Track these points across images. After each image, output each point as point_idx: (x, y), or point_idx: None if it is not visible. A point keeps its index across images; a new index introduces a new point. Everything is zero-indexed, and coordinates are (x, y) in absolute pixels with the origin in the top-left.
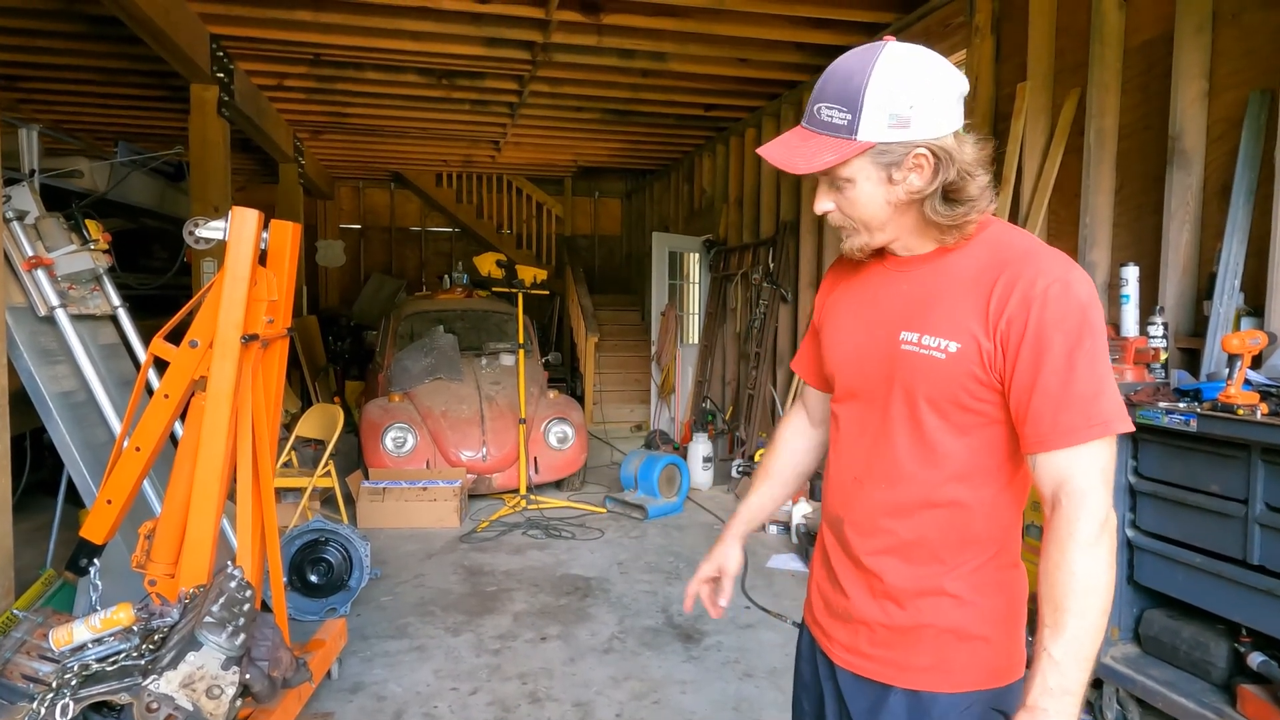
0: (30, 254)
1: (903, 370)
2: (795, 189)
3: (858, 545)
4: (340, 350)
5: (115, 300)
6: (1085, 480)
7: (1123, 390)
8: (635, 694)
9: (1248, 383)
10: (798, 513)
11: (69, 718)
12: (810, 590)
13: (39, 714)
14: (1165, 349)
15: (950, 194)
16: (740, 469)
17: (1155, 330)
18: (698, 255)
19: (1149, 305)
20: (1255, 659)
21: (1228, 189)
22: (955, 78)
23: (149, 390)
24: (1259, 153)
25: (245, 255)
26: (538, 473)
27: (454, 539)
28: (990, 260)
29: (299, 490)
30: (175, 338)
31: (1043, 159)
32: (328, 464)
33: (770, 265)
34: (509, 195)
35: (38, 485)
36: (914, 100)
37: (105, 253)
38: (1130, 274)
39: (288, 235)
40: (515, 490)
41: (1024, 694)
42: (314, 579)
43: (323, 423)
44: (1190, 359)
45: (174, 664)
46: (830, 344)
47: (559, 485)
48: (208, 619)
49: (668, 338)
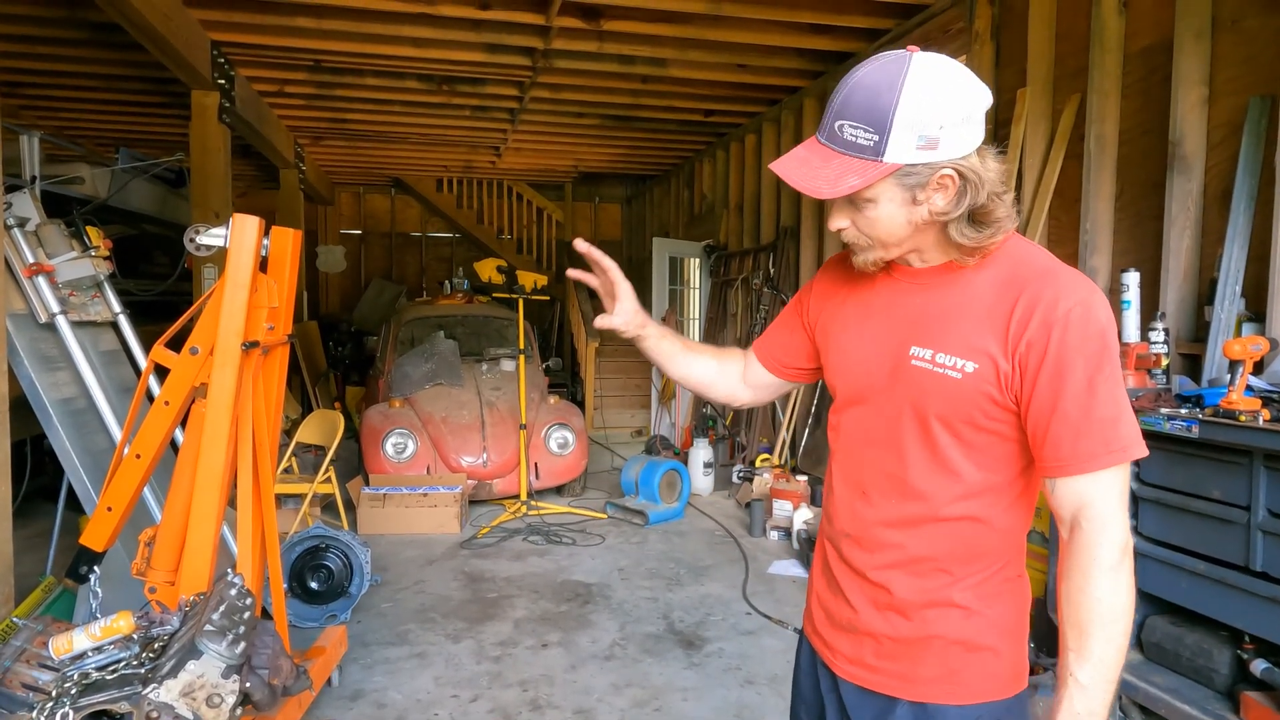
0: (31, 260)
1: (912, 386)
2: (795, 196)
3: (864, 559)
4: (341, 356)
5: (116, 307)
6: (1105, 505)
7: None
8: (637, 701)
9: (1249, 388)
10: (799, 519)
11: None
12: (810, 601)
13: None
14: (1166, 355)
15: (978, 217)
16: (741, 474)
17: (1156, 336)
18: (698, 260)
19: (1150, 311)
20: (1258, 666)
21: (1228, 194)
22: (982, 93)
23: (149, 397)
24: (1259, 158)
25: (246, 262)
26: (538, 478)
27: (454, 545)
28: (1009, 278)
29: (299, 496)
30: (176, 344)
31: (1043, 165)
32: (328, 470)
33: (771, 270)
34: (509, 200)
35: (38, 492)
36: (944, 120)
37: (106, 259)
38: (1131, 280)
39: (288, 242)
40: (516, 496)
41: (1050, 716)
42: (314, 586)
43: (323, 429)
44: (1192, 365)
45: (174, 672)
46: (833, 353)
47: (560, 491)
48: (208, 627)
49: None
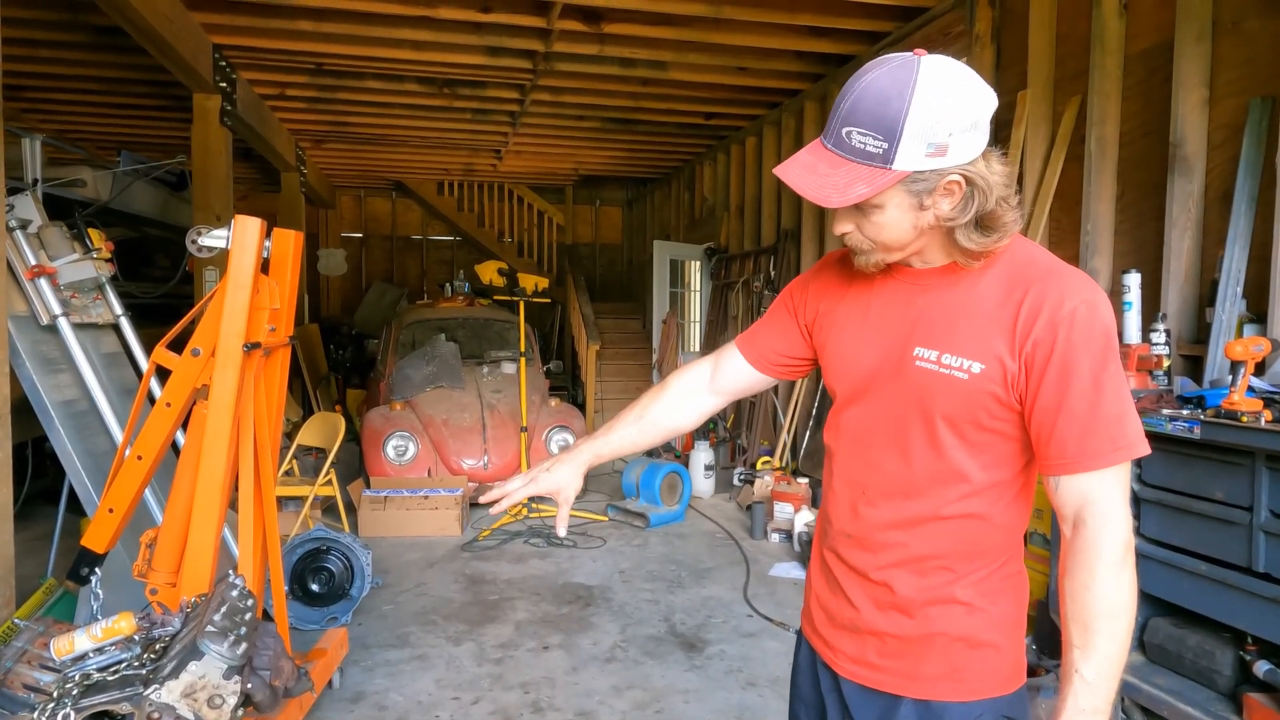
0: (33, 263)
1: (917, 387)
2: (796, 198)
3: (865, 559)
4: (342, 359)
5: (117, 309)
6: (1109, 502)
7: None
8: (638, 703)
9: (1251, 389)
10: (800, 521)
11: None
12: (809, 601)
13: None
14: (1168, 356)
15: (987, 223)
16: (742, 477)
17: (1158, 337)
18: (699, 263)
19: (1151, 312)
20: (1261, 667)
21: (1229, 196)
22: (989, 98)
23: (151, 399)
24: (1260, 159)
25: (248, 264)
26: None
27: (455, 547)
28: (1013, 279)
29: (300, 499)
30: (177, 346)
31: (1044, 167)
32: (329, 472)
33: (771, 273)
34: (510, 203)
35: (39, 494)
36: (953, 127)
37: (108, 261)
38: (1132, 281)
39: (290, 244)
40: None
41: (1055, 713)
42: (315, 588)
43: (324, 431)
44: (1193, 366)
45: (175, 673)
46: (832, 355)
47: None
48: (209, 628)
49: (669, 345)
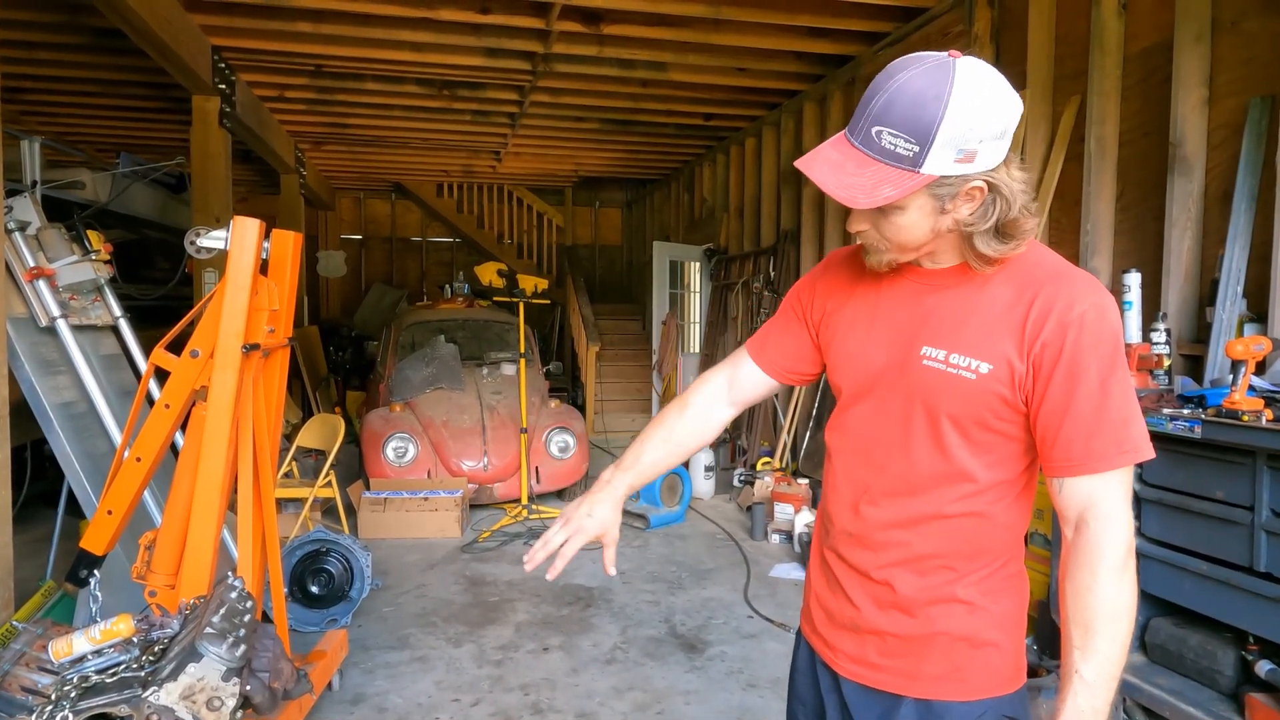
0: (32, 265)
1: (923, 387)
2: (795, 199)
3: (867, 558)
4: (341, 360)
5: (116, 311)
6: (1112, 505)
7: None
8: (638, 705)
9: (1252, 388)
10: (800, 522)
11: None
12: (808, 601)
13: None
14: (1168, 355)
15: (1006, 230)
16: (742, 478)
17: (1158, 337)
18: (698, 264)
19: (1151, 312)
20: (1263, 667)
21: (1229, 195)
22: (1018, 105)
23: (150, 400)
24: (1260, 159)
25: (246, 264)
26: (539, 482)
27: (455, 549)
28: (1023, 281)
29: (300, 501)
30: (176, 348)
31: (1043, 166)
32: (329, 474)
33: (771, 274)
34: (510, 205)
35: (38, 496)
36: (983, 135)
37: (107, 263)
38: (1132, 281)
39: (289, 245)
40: (517, 500)
41: (1055, 713)
42: (315, 590)
43: (324, 433)
44: (1194, 365)
45: (174, 675)
46: (838, 353)
47: (561, 495)
48: (208, 630)
49: (669, 347)
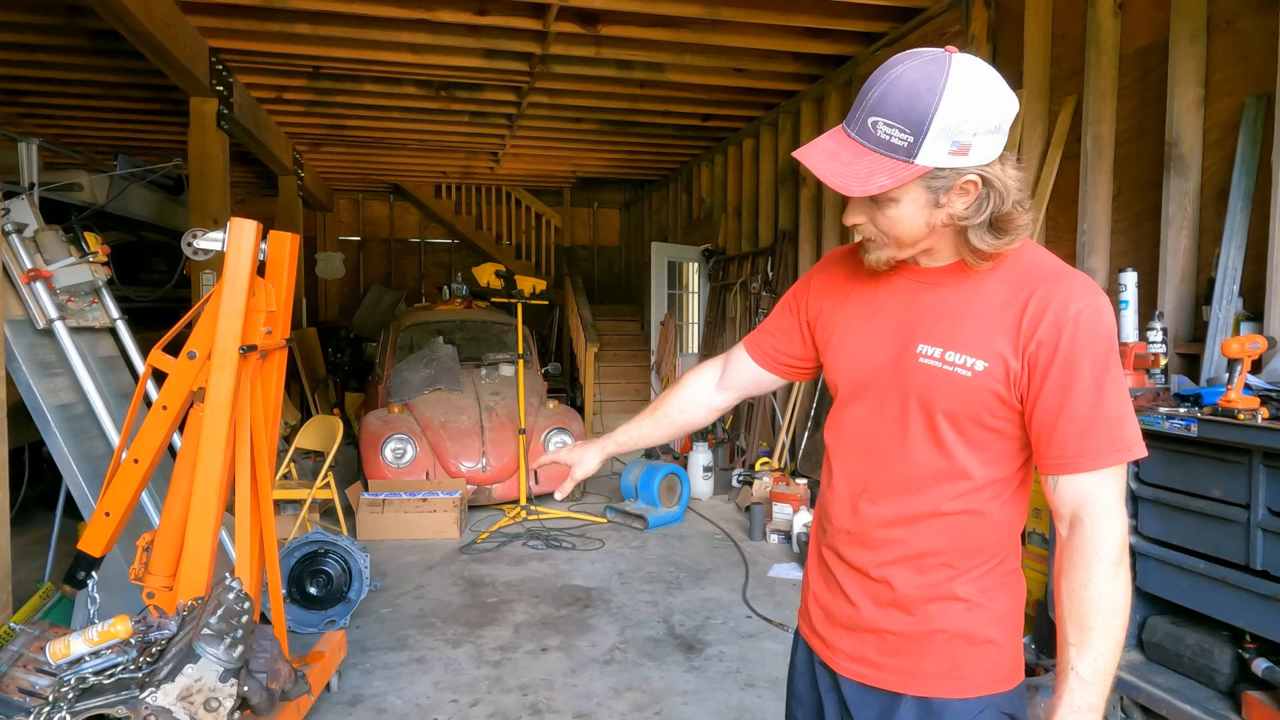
0: (29, 267)
1: (919, 384)
2: (794, 199)
3: (864, 556)
4: (340, 362)
5: (114, 313)
6: (1106, 502)
7: None
8: (637, 705)
9: (1248, 387)
10: (798, 522)
11: None
12: (806, 600)
13: None
14: (1165, 354)
15: (1001, 224)
16: (741, 478)
17: (1155, 336)
18: (697, 265)
19: (1148, 311)
20: (1260, 665)
21: (1225, 194)
22: (1013, 101)
23: (147, 402)
24: (1256, 157)
25: (243, 266)
26: (538, 483)
27: (454, 550)
28: (1019, 280)
29: (298, 502)
30: (174, 349)
31: (1040, 166)
32: (327, 475)
33: (769, 274)
34: (508, 206)
35: (36, 499)
36: (978, 128)
37: (104, 265)
38: (1129, 280)
39: (286, 246)
40: (515, 501)
41: (1051, 710)
42: (313, 591)
43: (322, 434)
44: (1190, 364)
45: (171, 676)
46: (835, 351)
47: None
48: (206, 631)
49: (667, 347)
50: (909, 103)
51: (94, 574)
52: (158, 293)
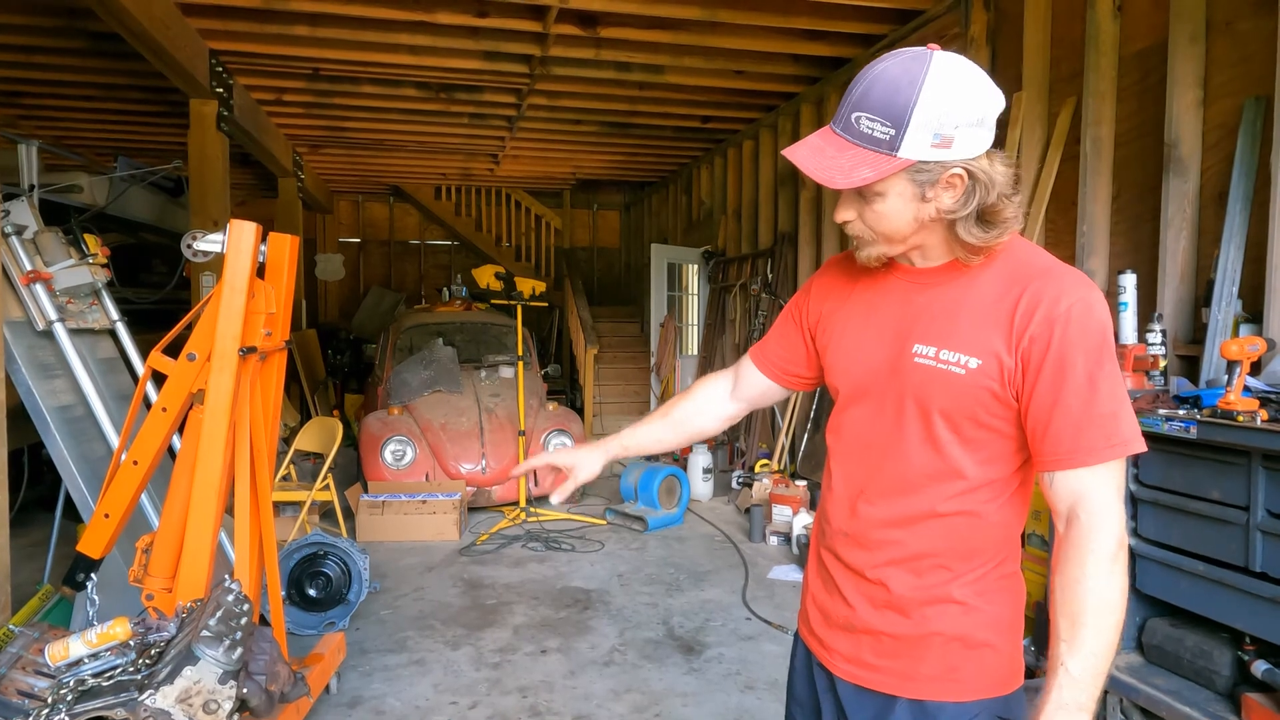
0: (29, 268)
1: (915, 384)
2: (793, 201)
3: (862, 558)
4: (339, 363)
5: (114, 314)
6: (1103, 498)
7: None
8: (636, 707)
9: (1247, 389)
10: (798, 524)
11: None
12: (805, 602)
13: None
14: (1164, 356)
15: (986, 216)
16: (740, 480)
17: (1154, 337)
18: (696, 266)
19: (1147, 312)
20: (1259, 667)
21: (1224, 195)
22: (997, 96)
23: (147, 404)
24: (1255, 159)
25: (243, 267)
26: (537, 485)
27: (453, 552)
28: (1011, 277)
29: (297, 504)
30: (173, 351)
31: (1039, 168)
32: (326, 477)
33: (769, 276)
34: (507, 208)
35: (36, 500)
36: (959, 120)
37: (104, 267)
38: (1128, 281)
39: (286, 247)
40: (515, 503)
41: (1038, 707)
42: (312, 593)
43: (321, 436)
44: (1189, 366)
45: (171, 678)
46: (835, 355)
47: None
48: (205, 633)
49: (667, 349)
50: (890, 97)
51: (93, 576)
52: (157, 294)
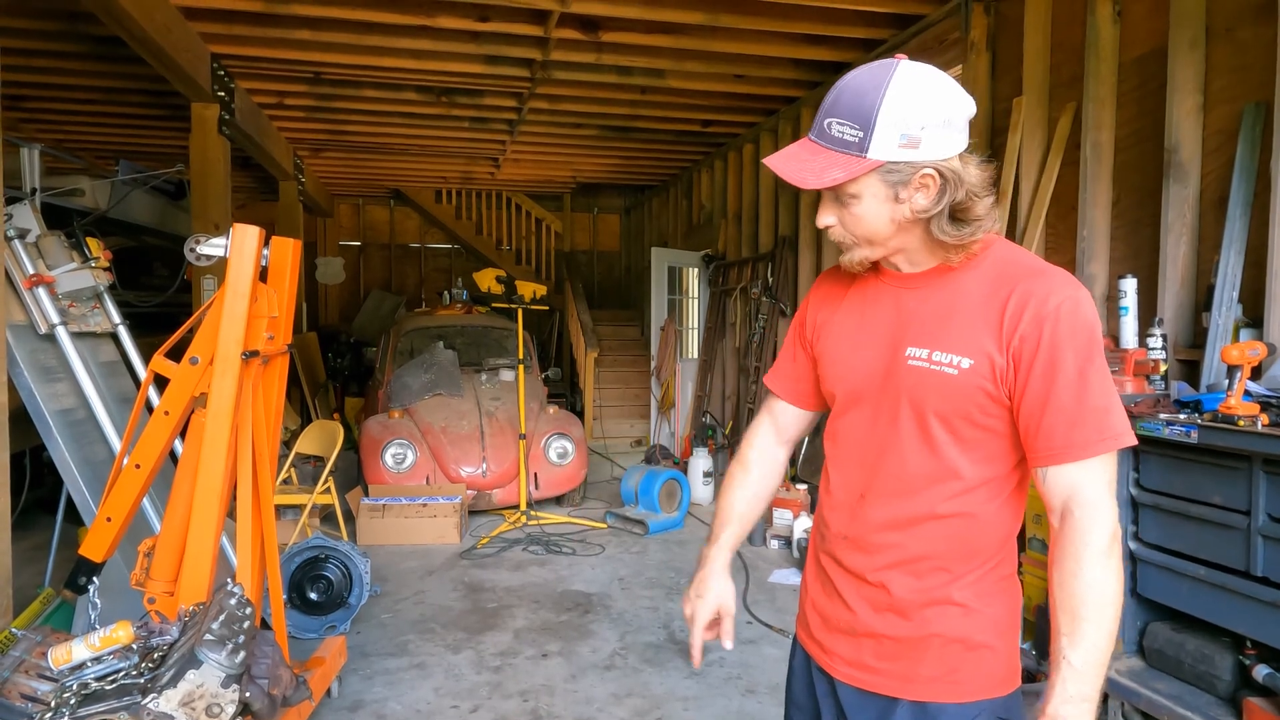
0: (31, 272)
1: (910, 386)
2: (794, 204)
3: (862, 561)
4: (340, 367)
5: (116, 318)
6: (1095, 492)
7: (1123, 402)
8: (637, 711)
9: (1248, 394)
10: (798, 527)
11: None
12: (804, 606)
13: None
14: (1165, 361)
15: (957, 214)
16: None
17: (1154, 342)
18: (697, 270)
19: (1148, 317)
20: (1260, 671)
21: (1224, 201)
22: (965, 100)
23: (149, 407)
24: (1255, 164)
25: (246, 271)
26: (538, 488)
27: (454, 555)
28: (999, 278)
29: (299, 507)
30: (176, 355)
31: (1039, 173)
32: (327, 481)
33: (769, 279)
34: (508, 211)
35: (37, 503)
36: (925, 121)
37: (106, 270)
38: (1128, 286)
39: (288, 251)
40: (515, 506)
41: (1045, 699)
42: (314, 596)
43: (322, 439)
44: (1190, 371)
45: (173, 682)
46: (830, 362)
47: (559, 501)
48: (207, 637)
49: (667, 352)
50: (857, 101)
51: (95, 579)
52: (159, 298)
